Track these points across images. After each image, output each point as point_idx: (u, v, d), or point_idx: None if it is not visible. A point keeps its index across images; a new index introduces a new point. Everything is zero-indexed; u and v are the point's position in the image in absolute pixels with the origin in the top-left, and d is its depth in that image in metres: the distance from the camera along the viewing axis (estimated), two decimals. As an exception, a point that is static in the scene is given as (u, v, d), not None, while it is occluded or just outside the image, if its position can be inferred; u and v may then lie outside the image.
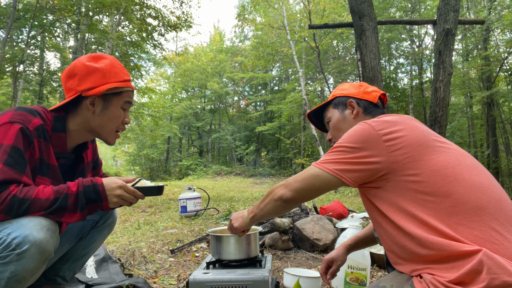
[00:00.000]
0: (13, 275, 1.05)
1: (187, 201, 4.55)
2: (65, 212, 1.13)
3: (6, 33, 8.17)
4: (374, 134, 1.02)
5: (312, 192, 1.09)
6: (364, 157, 1.02)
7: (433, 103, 5.00)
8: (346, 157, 1.04)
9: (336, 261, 1.52)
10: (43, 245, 1.08)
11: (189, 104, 26.51)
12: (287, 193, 1.11)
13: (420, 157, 0.99)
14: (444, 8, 4.96)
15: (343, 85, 1.40)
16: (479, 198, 0.93)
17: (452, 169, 0.97)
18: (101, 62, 1.32)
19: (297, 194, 1.10)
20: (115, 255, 2.44)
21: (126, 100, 1.37)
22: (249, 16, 18.88)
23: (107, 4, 9.63)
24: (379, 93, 1.34)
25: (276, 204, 1.14)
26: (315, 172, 1.07)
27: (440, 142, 1.04)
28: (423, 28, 17.69)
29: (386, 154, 1.00)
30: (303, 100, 14.33)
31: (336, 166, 1.05)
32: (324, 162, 1.08)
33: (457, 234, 0.90)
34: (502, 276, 0.81)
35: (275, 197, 1.14)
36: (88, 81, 1.28)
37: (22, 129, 1.14)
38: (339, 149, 1.07)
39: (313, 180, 1.07)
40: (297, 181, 1.10)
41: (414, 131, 1.03)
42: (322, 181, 1.06)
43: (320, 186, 1.07)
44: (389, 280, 1.02)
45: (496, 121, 12.60)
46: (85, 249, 1.60)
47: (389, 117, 1.09)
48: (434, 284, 0.88)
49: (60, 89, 12.03)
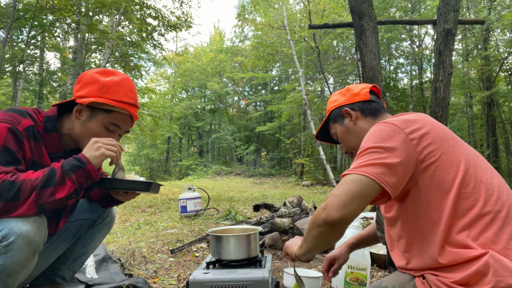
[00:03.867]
0: (3, 268, 1.06)
1: (187, 201, 4.55)
2: (56, 186, 1.11)
3: (6, 33, 8.17)
4: (401, 133, 0.98)
5: (360, 200, 0.90)
6: (396, 156, 0.94)
7: (433, 103, 5.00)
8: (380, 157, 0.94)
9: (338, 259, 1.51)
10: (30, 236, 1.09)
11: (189, 104, 26.50)
12: (330, 213, 0.90)
13: (444, 156, 0.97)
14: (444, 8, 4.96)
15: (332, 97, 1.39)
16: (496, 202, 0.92)
17: (473, 171, 0.96)
18: (108, 77, 1.32)
19: (344, 211, 0.89)
20: (115, 255, 2.44)
21: (113, 121, 1.32)
22: (249, 16, 18.89)
23: (107, 4, 9.63)
24: (368, 88, 1.31)
25: (321, 230, 0.94)
26: (353, 178, 0.93)
27: (459, 140, 1.03)
28: (423, 28, 17.70)
29: (414, 152, 0.96)
30: (303, 100, 14.33)
31: (373, 169, 0.93)
32: (357, 167, 0.95)
33: (470, 235, 0.89)
34: (509, 278, 0.80)
35: (319, 222, 0.94)
36: (85, 89, 1.30)
37: (11, 129, 1.14)
38: (370, 150, 0.97)
39: (356, 187, 0.91)
40: (337, 195, 0.91)
41: (436, 128, 1.01)
42: (365, 185, 0.91)
43: (367, 192, 0.91)
44: (391, 281, 1.02)
45: (496, 121, 12.60)
46: (84, 249, 1.60)
47: (407, 115, 1.05)
48: (437, 285, 0.88)
49: (60, 89, 12.03)
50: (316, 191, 11.41)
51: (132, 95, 1.35)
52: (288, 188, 13.44)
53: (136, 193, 1.46)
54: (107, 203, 1.56)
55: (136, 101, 1.38)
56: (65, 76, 12.25)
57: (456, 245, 0.90)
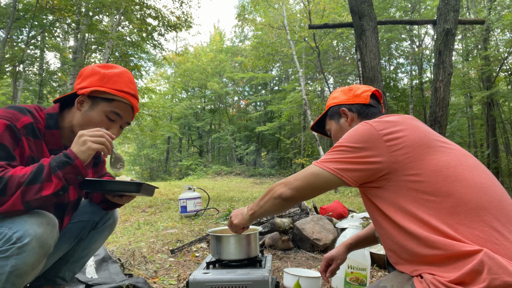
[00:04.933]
0: (14, 269, 1.05)
1: (187, 201, 4.55)
2: (42, 183, 1.09)
3: (6, 33, 8.17)
4: (375, 134, 1.02)
5: (312, 190, 1.09)
6: (365, 157, 1.02)
7: (433, 103, 5.01)
8: (347, 157, 1.04)
9: (336, 260, 1.52)
10: (44, 238, 1.09)
11: (189, 104, 26.51)
12: (286, 192, 1.11)
13: (421, 157, 0.99)
14: (444, 8, 4.97)
15: (334, 93, 1.40)
16: (481, 198, 0.93)
17: (454, 169, 0.97)
18: (109, 69, 1.33)
19: (296, 193, 1.10)
20: (115, 255, 2.44)
21: (115, 110, 1.31)
22: (249, 16, 18.88)
23: (107, 4, 9.63)
24: (370, 92, 1.32)
25: (276, 202, 1.14)
26: (315, 170, 1.07)
27: (441, 142, 1.04)
28: (423, 28, 17.71)
29: (387, 154, 1.00)
30: (303, 100, 14.33)
31: (337, 166, 1.04)
32: (324, 161, 1.07)
33: (458, 234, 0.90)
34: (503, 276, 0.81)
35: (275, 195, 1.14)
36: (86, 81, 1.30)
37: (8, 126, 1.14)
38: (340, 148, 1.06)
39: (313, 179, 1.07)
40: (297, 179, 1.10)
41: (416, 131, 1.03)
42: (323, 180, 1.06)
43: (320, 185, 1.07)
44: (390, 280, 1.02)
45: (496, 121, 12.60)
46: (85, 250, 1.59)
47: (390, 117, 1.08)
48: (434, 284, 0.88)
49: (60, 89, 12.03)
50: (316, 191, 11.40)
51: (132, 86, 1.36)
52: (288, 188, 13.41)
53: (132, 195, 1.43)
54: (107, 206, 1.55)
55: (136, 93, 1.39)
56: (65, 76, 12.25)
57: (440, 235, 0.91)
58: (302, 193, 1.10)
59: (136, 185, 1.29)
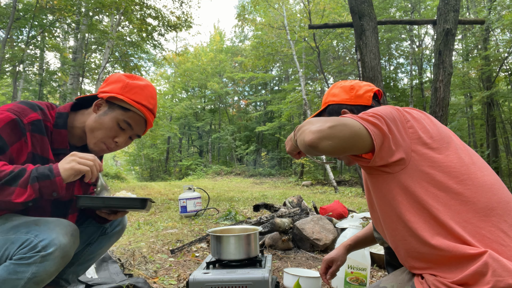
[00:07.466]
0: (34, 276, 1.06)
1: (187, 201, 4.55)
2: (16, 187, 1.05)
3: (6, 33, 8.17)
4: (402, 118, 0.99)
5: (345, 142, 0.90)
6: (394, 130, 0.95)
7: (433, 103, 5.01)
8: (378, 122, 0.93)
9: (336, 261, 1.51)
10: (67, 249, 1.10)
11: (189, 104, 26.51)
12: (315, 141, 0.90)
13: (438, 151, 0.98)
14: (444, 8, 4.97)
15: (333, 88, 1.31)
16: (490, 199, 0.92)
17: (467, 167, 0.96)
18: (134, 80, 1.35)
19: (328, 145, 0.89)
20: (115, 255, 2.44)
21: (127, 120, 1.32)
22: (249, 16, 18.90)
23: (107, 4, 9.64)
24: (372, 92, 1.25)
25: (303, 146, 0.96)
26: (353, 123, 0.91)
27: (456, 138, 1.04)
28: (423, 28, 17.70)
29: (409, 140, 0.98)
30: (303, 100, 14.34)
31: (367, 123, 0.92)
32: (360, 118, 0.94)
33: (465, 233, 0.89)
34: (508, 278, 0.80)
35: (305, 141, 0.93)
36: (109, 86, 1.33)
37: (14, 120, 1.14)
38: (370, 114, 0.95)
39: (348, 131, 0.89)
40: (332, 129, 0.89)
41: (435, 125, 1.03)
42: (353, 127, 0.90)
43: (351, 136, 0.90)
44: (390, 281, 1.02)
45: (496, 121, 12.60)
46: (91, 255, 1.60)
47: (409, 110, 1.07)
48: (436, 285, 0.88)
49: (60, 89, 12.03)
50: (316, 191, 11.41)
51: (152, 101, 1.37)
52: (288, 188, 13.44)
53: (125, 211, 1.40)
54: (99, 220, 1.53)
55: (155, 108, 1.38)
56: (65, 76, 12.26)
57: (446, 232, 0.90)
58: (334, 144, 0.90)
59: (142, 201, 1.26)
